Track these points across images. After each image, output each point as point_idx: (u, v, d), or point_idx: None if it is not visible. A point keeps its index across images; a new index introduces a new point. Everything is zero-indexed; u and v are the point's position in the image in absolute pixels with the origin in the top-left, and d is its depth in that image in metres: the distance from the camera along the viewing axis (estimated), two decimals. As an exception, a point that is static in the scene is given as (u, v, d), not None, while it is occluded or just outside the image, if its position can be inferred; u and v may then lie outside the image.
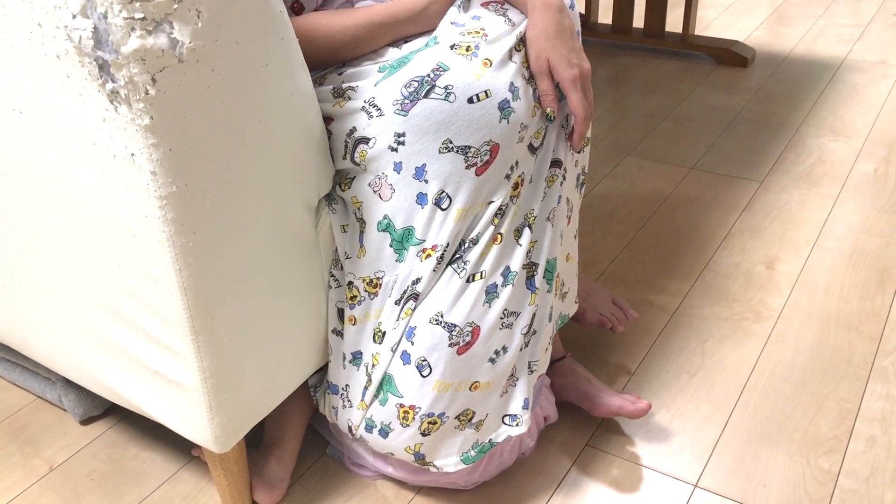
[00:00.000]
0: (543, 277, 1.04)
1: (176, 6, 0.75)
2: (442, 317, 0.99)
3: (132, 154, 0.80)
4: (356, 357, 1.06)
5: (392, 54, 1.00)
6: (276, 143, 0.91)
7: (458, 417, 1.03)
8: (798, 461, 1.17)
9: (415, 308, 1.00)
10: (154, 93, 0.76)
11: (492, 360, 1.01)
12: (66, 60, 0.79)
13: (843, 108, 2.22)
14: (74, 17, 0.74)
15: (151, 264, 0.88)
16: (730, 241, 1.68)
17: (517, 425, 1.06)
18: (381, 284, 1.01)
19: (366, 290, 1.02)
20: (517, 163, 0.98)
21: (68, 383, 1.28)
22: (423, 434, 1.03)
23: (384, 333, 1.02)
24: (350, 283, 1.04)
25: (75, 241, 0.95)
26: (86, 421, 1.30)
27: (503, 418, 1.06)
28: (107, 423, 1.30)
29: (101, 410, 1.30)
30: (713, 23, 2.93)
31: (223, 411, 0.98)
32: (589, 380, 1.23)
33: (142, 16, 0.73)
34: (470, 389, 1.01)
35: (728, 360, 1.36)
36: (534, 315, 1.04)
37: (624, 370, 1.35)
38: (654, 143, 2.09)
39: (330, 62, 1.02)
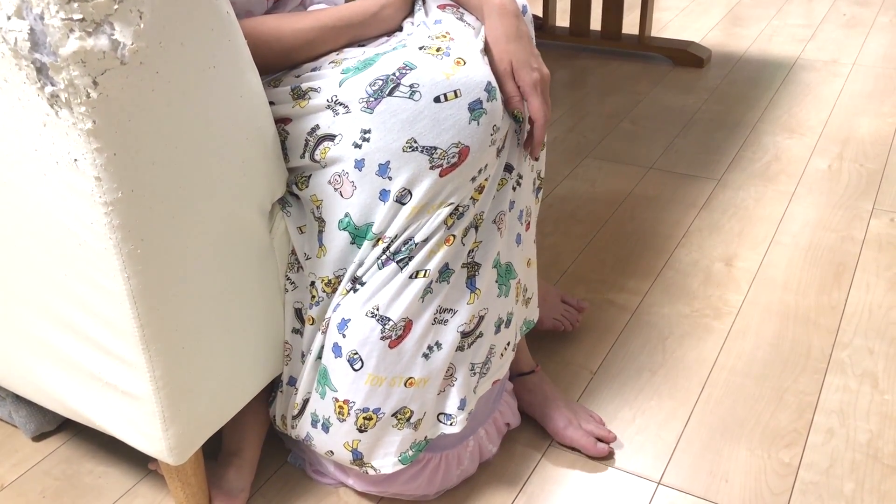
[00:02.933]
0: (495, 281, 1.03)
1: (116, 7, 0.73)
2: (378, 310, 0.97)
3: (75, 159, 0.78)
4: (312, 353, 1.05)
5: (352, 53, 0.98)
6: (226, 147, 0.89)
7: (395, 415, 1.01)
8: (759, 455, 1.18)
9: (351, 290, 0.98)
10: (96, 96, 0.74)
11: (425, 356, 0.99)
12: (2, 63, 0.76)
13: (797, 107, 2.25)
14: (9, 18, 0.72)
15: (99, 272, 0.86)
16: (689, 239, 1.69)
17: (451, 424, 1.05)
18: (340, 281, 1.00)
19: (324, 291, 1.01)
20: (486, 166, 0.96)
21: (19, 399, 1.25)
22: (360, 430, 1.02)
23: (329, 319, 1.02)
24: (312, 283, 1.02)
25: (20, 250, 0.93)
26: (38, 437, 1.27)
27: (438, 416, 1.05)
28: (60, 439, 1.26)
29: (55, 426, 1.26)
30: (669, 24, 2.96)
31: (178, 422, 0.96)
32: (556, 405, 1.21)
33: (80, 17, 0.71)
34: (405, 385, 1.00)
35: (689, 356, 1.37)
36: (476, 316, 1.02)
37: (586, 369, 1.35)
38: (612, 144, 2.10)
39: (281, 65, 1.00)
